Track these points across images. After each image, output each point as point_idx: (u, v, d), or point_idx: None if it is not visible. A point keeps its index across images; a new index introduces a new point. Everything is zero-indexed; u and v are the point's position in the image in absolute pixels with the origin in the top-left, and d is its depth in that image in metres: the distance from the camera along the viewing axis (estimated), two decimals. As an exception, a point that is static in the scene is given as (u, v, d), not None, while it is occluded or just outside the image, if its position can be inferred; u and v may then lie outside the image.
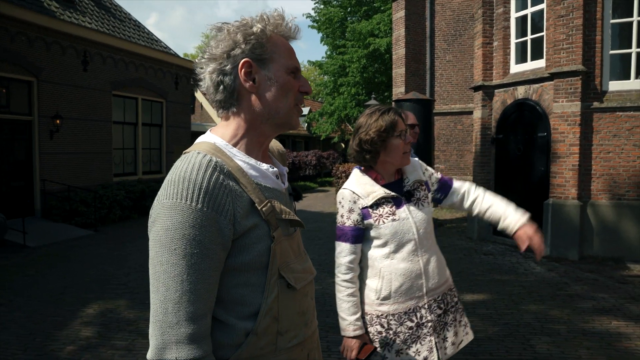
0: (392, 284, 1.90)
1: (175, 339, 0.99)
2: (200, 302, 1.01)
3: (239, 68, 1.12)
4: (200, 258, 1.00)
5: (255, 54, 1.12)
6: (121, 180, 12.39)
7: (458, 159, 13.37)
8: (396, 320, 1.90)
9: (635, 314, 4.67)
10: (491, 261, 6.99)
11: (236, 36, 1.11)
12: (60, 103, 10.75)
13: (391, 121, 1.92)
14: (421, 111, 8.56)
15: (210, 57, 1.13)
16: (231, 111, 1.15)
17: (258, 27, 1.12)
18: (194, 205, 1.00)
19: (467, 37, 12.87)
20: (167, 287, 1.00)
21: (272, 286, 1.11)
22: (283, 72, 1.15)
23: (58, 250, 8.11)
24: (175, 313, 0.99)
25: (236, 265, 1.07)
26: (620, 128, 6.91)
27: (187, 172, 1.03)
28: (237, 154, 1.13)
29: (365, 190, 1.93)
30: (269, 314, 1.10)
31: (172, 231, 0.99)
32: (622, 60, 7.17)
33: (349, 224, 1.91)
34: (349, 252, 1.91)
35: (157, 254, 1.02)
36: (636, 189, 6.88)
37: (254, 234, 1.08)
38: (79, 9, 12.05)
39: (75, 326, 4.56)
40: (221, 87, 1.13)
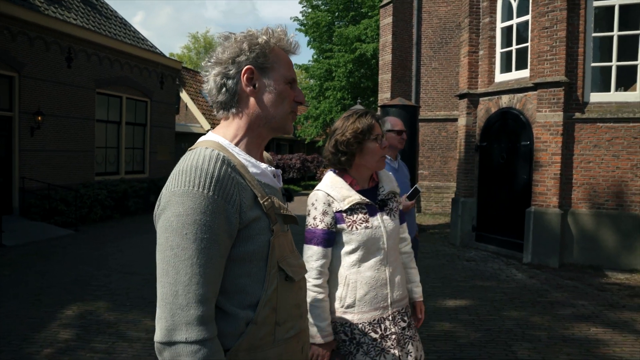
0: (357, 292, 1.85)
1: (185, 320, 1.03)
2: (208, 286, 1.06)
3: (242, 73, 1.21)
4: (209, 243, 1.06)
5: (258, 62, 1.22)
6: (103, 180, 12.20)
7: (442, 166, 13.50)
8: (360, 330, 1.85)
9: (613, 321, 4.76)
10: (473, 267, 7.07)
11: (242, 44, 1.21)
12: (43, 99, 10.55)
13: (368, 124, 1.90)
14: (406, 117, 8.64)
15: (217, 61, 1.22)
16: (231, 112, 1.24)
17: (263, 39, 1.23)
18: (206, 192, 1.06)
19: (453, 45, 13.02)
20: (178, 271, 1.04)
21: (272, 277, 1.17)
22: (281, 81, 1.24)
23: (36, 249, 7.93)
24: (185, 295, 1.03)
25: (240, 255, 1.14)
26: (601, 139, 7.06)
27: (199, 163, 1.09)
28: (240, 152, 1.21)
29: (340, 194, 1.88)
30: (269, 304, 1.16)
31: (184, 217, 1.05)
32: (602, 73, 7.34)
33: (322, 226, 1.85)
34: (321, 256, 1.85)
35: (167, 239, 1.06)
36: (615, 199, 7.03)
37: (257, 225, 1.15)
38: (64, 5, 11.86)
39: (53, 328, 4.46)
40: (224, 89, 1.22)
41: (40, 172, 10.48)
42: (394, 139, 3.30)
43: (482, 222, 8.56)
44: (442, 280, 6.34)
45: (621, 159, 6.98)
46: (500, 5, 8.41)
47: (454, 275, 6.57)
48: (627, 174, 6.97)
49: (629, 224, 6.96)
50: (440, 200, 13.43)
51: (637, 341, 4.26)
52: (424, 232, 10.17)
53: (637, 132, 6.89)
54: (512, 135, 7.94)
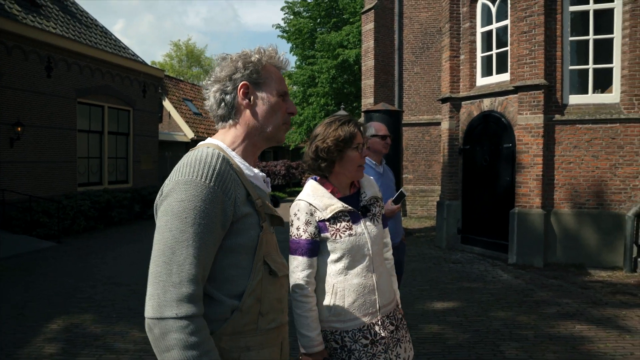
0: (346, 300, 1.85)
1: (176, 297, 1.11)
2: (200, 268, 1.15)
3: (238, 89, 1.35)
4: (205, 229, 1.16)
5: (252, 78, 1.36)
6: (86, 190, 12.02)
7: (426, 169, 13.62)
8: (350, 337, 1.84)
9: (596, 318, 4.85)
10: (460, 269, 7.14)
11: (237, 63, 1.35)
12: (22, 110, 10.38)
13: (350, 133, 1.89)
14: (390, 122, 8.70)
15: (215, 79, 1.37)
16: (229, 123, 1.37)
17: (256, 57, 1.37)
18: (207, 182, 1.17)
19: (435, 50, 13.19)
20: (174, 251, 1.13)
21: (258, 270, 1.27)
22: (274, 94, 1.38)
23: (18, 262, 7.78)
24: (178, 274, 1.12)
25: (230, 246, 1.23)
26: (580, 140, 7.22)
27: (203, 157, 1.21)
28: (235, 156, 1.34)
29: (322, 203, 1.87)
30: (253, 294, 1.26)
31: (185, 202, 1.15)
32: (580, 76, 7.52)
33: (306, 236, 1.84)
34: (306, 266, 1.84)
35: (167, 222, 1.16)
36: (595, 198, 7.18)
37: (248, 220, 1.26)
38: (42, 13, 11.72)
39: (37, 343, 4.38)
40: (223, 104, 1.36)
41: (21, 183, 10.30)
42: (378, 143, 3.33)
43: (467, 224, 8.66)
44: (429, 283, 6.39)
45: (600, 159, 7.14)
46: (479, 10, 8.56)
47: (440, 278, 6.63)
48: (606, 174, 7.12)
49: (609, 222, 7.11)
50: (426, 203, 13.54)
51: (620, 337, 4.35)
52: (410, 235, 10.24)
53: (614, 133, 7.06)
54: (494, 137, 8.06)
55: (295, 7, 21.83)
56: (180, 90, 22.69)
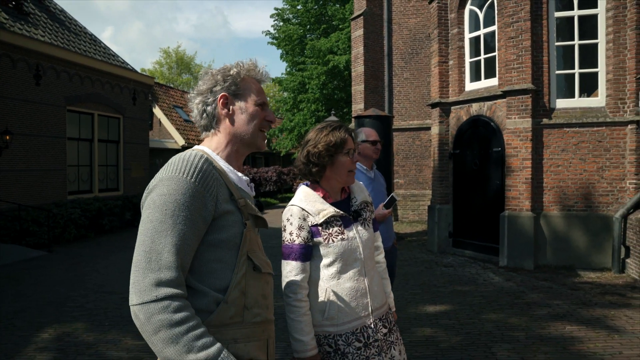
0: (339, 304, 1.87)
1: (155, 281, 1.17)
2: (179, 256, 1.21)
3: (218, 100, 1.46)
4: (184, 220, 1.22)
5: (231, 90, 1.47)
6: (76, 198, 11.92)
7: (417, 174, 13.70)
8: (344, 340, 1.86)
9: (586, 319, 4.92)
10: (451, 273, 7.19)
11: (217, 76, 1.47)
12: (11, 118, 10.30)
13: (341, 138, 1.92)
14: (380, 127, 8.78)
15: (198, 92, 1.49)
16: (211, 132, 1.48)
17: (234, 70, 1.48)
18: (189, 178, 1.25)
19: (424, 55, 13.32)
20: (153, 240, 1.20)
21: (242, 264, 1.34)
22: (252, 104, 1.48)
23: (8, 272, 7.70)
24: (157, 261, 1.18)
25: (213, 241, 1.30)
26: (568, 143, 7.33)
27: (185, 157, 1.31)
28: (220, 160, 1.43)
29: (315, 208, 1.90)
30: (238, 287, 1.32)
31: (166, 196, 1.23)
32: (567, 80, 7.65)
33: (299, 241, 1.86)
34: (300, 271, 1.86)
35: (149, 214, 1.23)
36: (584, 201, 7.28)
37: (230, 218, 1.33)
38: (30, 21, 11.66)
39: (29, 352, 4.34)
40: (204, 114, 1.48)
41: (9, 192, 10.20)
42: (369, 149, 3.37)
43: (458, 228, 8.73)
44: (422, 286, 6.43)
45: (588, 162, 7.25)
46: (467, 16, 8.68)
47: (432, 281, 6.67)
48: (593, 176, 7.23)
49: (598, 224, 7.21)
50: (417, 208, 13.61)
51: (609, 336, 4.41)
52: (402, 240, 10.28)
53: (601, 136, 7.18)
54: (483, 142, 8.15)
55: (284, 13, 21.92)
56: (170, 97, 22.64)
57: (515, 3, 7.39)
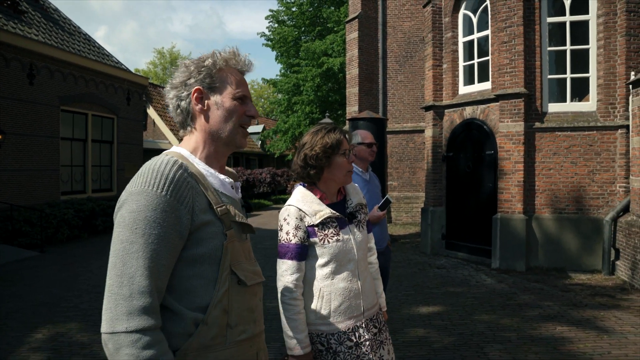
0: (332, 304, 1.91)
1: (127, 310, 1.08)
2: (153, 279, 1.11)
3: (192, 94, 1.33)
4: (157, 239, 1.12)
5: (206, 83, 1.33)
6: (69, 199, 11.88)
7: (410, 176, 13.78)
8: (336, 339, 1.90)
9: (576, 320, 4.99)
10: (444, 274, 7.25)
11: (190, 68, 1.34)
12: (3, 118, 10.25)
13: (337, 139, 1.96)
14: (375, 130, 8.82)
15: (172, 86, 1.36)
16: (188, 130, 1.37)
17: (209, 61, 1.34)
18: (159, 192, 1.14)
19: (418, 58, 13.41)
20: (124, 263, 1.10)
21: (224, 280, 1.23)
22: (229, 98, 1.34)
23: (0, 272, 7.65)
24: (129, 286, 1.09)
25: (191, 256, 1.19)
26: (560, 147, 7.42)
27: (156, 166, 1.18)
28: (199, 162, 1.31)
29: (312, 209, 1.93)
30: (219, 305, 1.21)
31: (135, 213, 1.12)
32: (559, 84, 7.75)
33: (295, 241, 1.89)
34: (295, 270, 1.89)
35: (119, 233, 1.13)
36: (575, 204, 7.38)
37: (209, 229, 1.22)
38: (24, 20, 11.61)
39: (23, 353, 4.33)
40: (178, 110, 1.35)
41: (2, 192, 10.13)
42: (364, 151, 3.41)
43: (451, 230, 8.79)
44: (415, 288, 6.48)
45: (579, 166, 7.35)
46: (461, 20, 8.76)
47: (425, 283, 6.73)
48: (584, 180, 7.33)
49: (588, 226, 7.30)
50: (410, 210, 13.68)
51: (599, 337, 4.48)
52: (396, 242, 10.34)
53: (592, 140, 7.28)
54: (476, 145, 8.23)
55: (279, 15, 21.97)
56: (164, 97, 22.58)
57: (509, 8, 7.48)
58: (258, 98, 49.73)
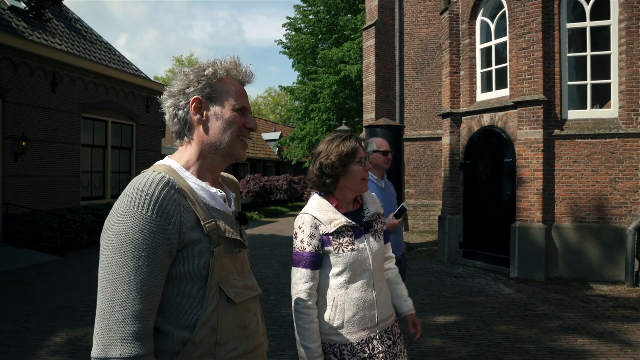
0: (346, 314, 1.88)
1: (120, 336, 1.06)
2: (146, 303, 1.09)
3: (190, 103, 1.29)
4: (147, 261, 1.10)
5: (205, 93, 1.30)
6: (89, 204, 12.09)
7: (427, 184, 13.67)
8: (349, 350, 1.87)
9: (598, 332, 4.86)
10: (462, 283, 7.14)
11: (190, 77, 1.30)
12: (27, 124, 10.51)
13: (352, 147, 1.94)
14: (391, 137, 8.78)
15: (170, 94, 1.32)
16: (185, 141, 1.32)
17: (210, 71, 1.31)
18: (145, 212, 1.11)
19: (435, 65, 13.35)
20: (115, 287, 1.08)
21: (211, 298, 1.20)
22: (229, 109, 1.31)
23: (21, 276, 7.80)
24: (121, 311, 1.07)
25: (178, 274, 1.17)
26: (580, 154, 7.28)
27: (141, 185, 1.15)
28: (189, 176, 1.27)
29: (327, 217, 1.91)
30: (207, 324, 1.19)
31: (123, 235, 1.10)
32: (579, 91, 7.61)
33: (310, 249, 1.88)
34: (309, 278, 1.87)
35: (107, 257, 1.10)
36: (596, 212, 7.21)
37: (197, 247, 1.19)
38: (48, 30, 11.91)
39: (41, 356, 4.39)
40: (175, 120, 1.31)
41: (24, 197, 10.37)
42: (380, 159, 3.40)
43: (468, 238, 8.68)
44: (431, 296, 6.40)
45: (600, 174, 7.19)
46: (479, 27, 8.70)
47: (442, 292, 6.64)
48: (606, 188, 7.17)
49: (610, 236, 7.13)
50: (427, 218, 13.56)
51: (622, 351, 4.35)
52: (412, 250, 10.24)
53: (613, 148, 7.13)
54: (494, 152, 8.13)
55: (296, 23, 22.13)
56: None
57: (527, 14, 7.40)
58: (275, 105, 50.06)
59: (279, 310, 5.53)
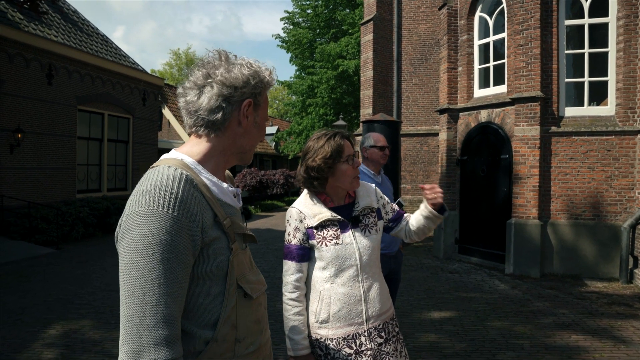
0: (331, 308, 1.87)
1: (153, 341, 1.03)
2: (176, 306, 1.07)
3: (245, 104, 1.26)
4: (175, 263, 1.07)
5: (256, 98, 1.29)
6: (85, 197, 12.05)
7: (424, 180, 13.68)
8: (334, 345, 1.86)
9: (592, 329, 4.89)
10: (457, 279, 7.17)
11: (249, 76, 1.25)
12: (23, 117, 10.45)
13: (337, 147, 1.90)
14: (389, 132, 8.76)
15: (222, 81, 1.22)
16: (211, 134, 1.25)
17: (267, 79, 1.30)
18: (170, 212, 1.07)
19: (433, 61, 13.33)
20: (145, 291, 1.04)
21: (231, 295, 1.20)
22: (262, 119, 1.33)
23: (16, 268, 7.79)
24: (153, 316, 1.04)
25: (200, 273, 1.15)
26: (576, 151, 7.30)
27: (163, 182, 1.10)
28: (203, 171, 1.23)
29: (312, 211, 1.92)
30: (228, 321, 1.19)
31: (149, 237, 1.05)
32: (576, 88, 7.62)
33: (295, 242, 1.91)
34: (295, 271, 1.90)
35: (132, 259, 1.05)
36: (592, 210, 7.24)
37: (217, 244, 1.17)
38: (44, 22, 11.82)
39: (36, 348, 4.39)
40: (220, 112, 1.23)
41: (20, 190, 10.33)
42: (376, 154, 3.39)
43: (464, 234, 8.70)
44: (427, 292, 6.42)
45: (596, 171, 7.21)
46: (477, 23, 8.69)
47: (438, 287, 6.66)
48: (602, 185, 7.20)
49: (606, 233, 7.16)
50: (423, 213, 13.56)
51: (616, 347, 4.38)
52: (408, 245, 10.27)
53: (610, 145, 7.15)
54: (491, 149, 8.14)
55: (294, 17, 22.04)
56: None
57: (526, 11, 7.39)
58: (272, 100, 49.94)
59: (275, 304, 5.54)
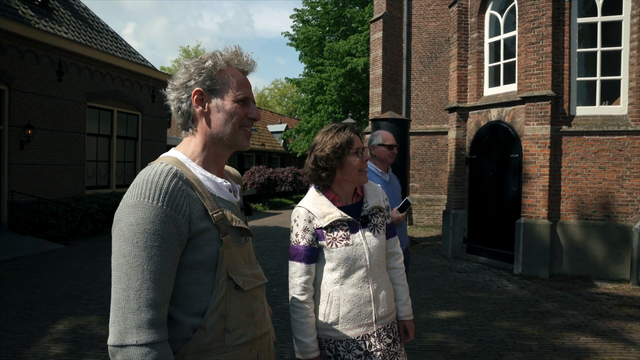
0: (341, 309, 1.84)
1: (136, 323, 1.09)
2: (159, 291, 1.13)
3: (192, 96, 1.32)
4: (159, 250, 1.13)
5: (206, 85, 1.32)
6: (94, 193, 12.13)
7: (433, 178, 13.61)
8: (344, 347, 1.83)
9: (602, 330, 4.83)
10: (465, 279, 7.12)
11: (191, 70, 1.32)
12: (33, 113, 10.53)
13: (347, 138, 1.87)
14: (397, 130, 8.73)
15: (172, 87, 1.35)
16: (189, 133, 1.36)
17: (209, 63, 1.32)
18: (155, 203, 1.14)
19: (443, 59, 13.24)
20: (129, 277, 1.11)
21: (221, 286, 1.24)
22: (230, 101, 1.33)
23: (26, 264, 7.86)
24: (136, 300, 1.10)
25: (189, 263, 1.21)
26: (587, 151, 7.21)
27: (151, 177, 1.18)
28: (196, 167, 1.31)
29: (321, 211, 1.87)
30: (217, 311, 1.22)
31: (134, 226, 1.13)
32: (588, 87, 7.52)
33: (304, 243, 1.86)
34: (304, 272, 1.85)
35: (120, 247, 1.13)
36: (602, 210, 7.15)
37: (206, 236, 1.22)
38: (55, 19, 11.90)
39: (44, 343, 4.42)
40: (179, 112, 1.34)
41: (30, 185, 10.41)
42: (384, 152, 3.37)
43: (473, 233, 8.64)
44: (434, 291, 6.38)
45: (607, 171, 7.12)
46: (487, 21, 8.60)
47: (445, 287, 6.62)
48: (613, 186, 7.10)
49: (616, 234, 7.07)
50: (432, 212, 13.52)
51: (626, 349, 4.32)
52: (416, 244, 10.22)
53: (621, 145, 7.05)
54: (501, 148, 8.07)
55: (304, 15, 22.00)
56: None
57: (537, 8, 7.30)
58: (282, 97, 49.99)
59: (282, 302, 5.54)
